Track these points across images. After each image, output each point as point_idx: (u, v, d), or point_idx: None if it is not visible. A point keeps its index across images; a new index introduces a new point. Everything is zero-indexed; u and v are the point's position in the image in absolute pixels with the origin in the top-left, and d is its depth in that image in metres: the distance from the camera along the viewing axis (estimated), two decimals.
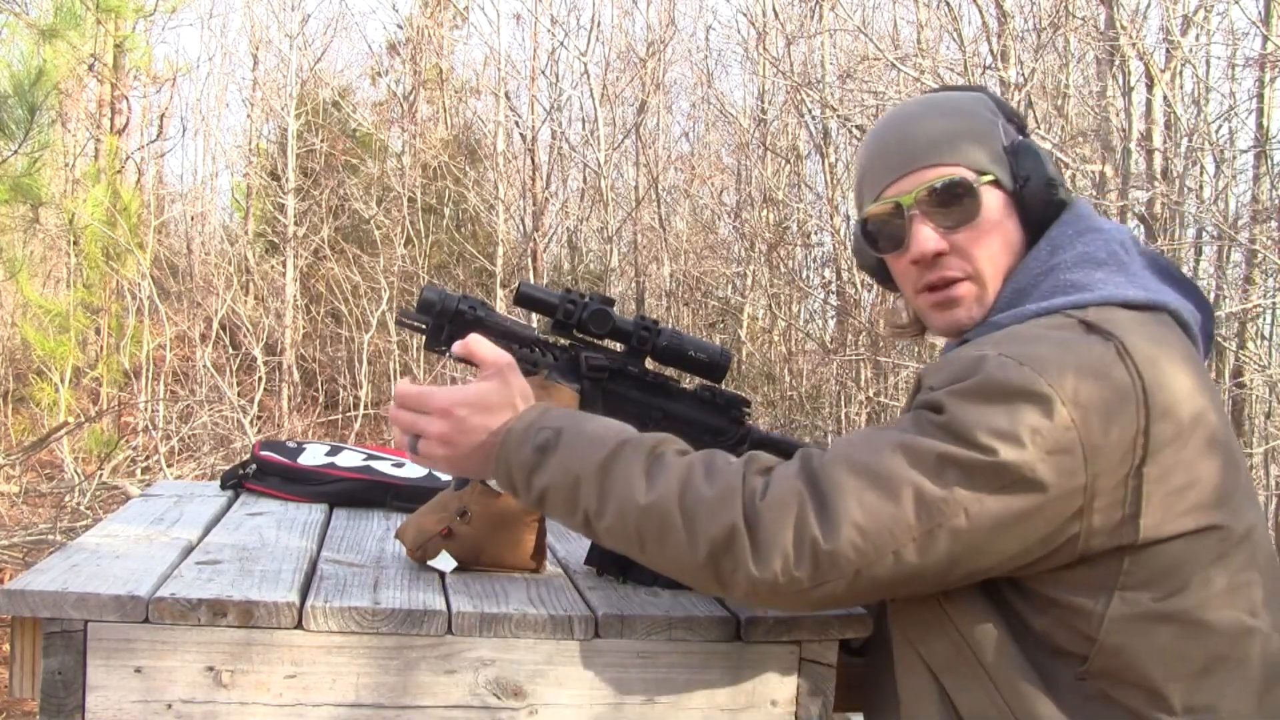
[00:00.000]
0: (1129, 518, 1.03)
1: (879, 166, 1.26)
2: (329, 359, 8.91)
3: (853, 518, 1.01)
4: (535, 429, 1.13)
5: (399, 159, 9.84)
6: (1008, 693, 1.07)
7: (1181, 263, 5.06)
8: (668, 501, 1.05)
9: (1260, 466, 5.25)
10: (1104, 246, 1.17)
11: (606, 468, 1.09)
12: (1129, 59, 4.93)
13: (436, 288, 1.30)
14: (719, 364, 1.37)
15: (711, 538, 1.03)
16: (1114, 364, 1.04)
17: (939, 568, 1.04)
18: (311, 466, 1.75)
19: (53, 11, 4.90)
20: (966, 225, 1.20)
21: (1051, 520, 1.03)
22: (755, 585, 1.03)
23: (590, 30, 8.54)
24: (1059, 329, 1.09)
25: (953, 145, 1.22)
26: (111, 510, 4.46)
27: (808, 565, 1.01)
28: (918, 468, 1.02)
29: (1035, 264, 1.19)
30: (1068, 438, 1.01)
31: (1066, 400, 1.01)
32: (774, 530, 1.02)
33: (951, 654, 1.11)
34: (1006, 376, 1.03)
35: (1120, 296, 1.12)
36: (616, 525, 1.08)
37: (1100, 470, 1.02)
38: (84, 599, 1.09)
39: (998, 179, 1.21)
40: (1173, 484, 1.03)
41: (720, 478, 1.06)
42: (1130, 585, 1.05)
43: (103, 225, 7.24)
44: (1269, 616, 1.08)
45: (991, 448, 1.01)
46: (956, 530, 1.02)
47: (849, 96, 6.09)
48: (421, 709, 1.14)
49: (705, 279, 8.07)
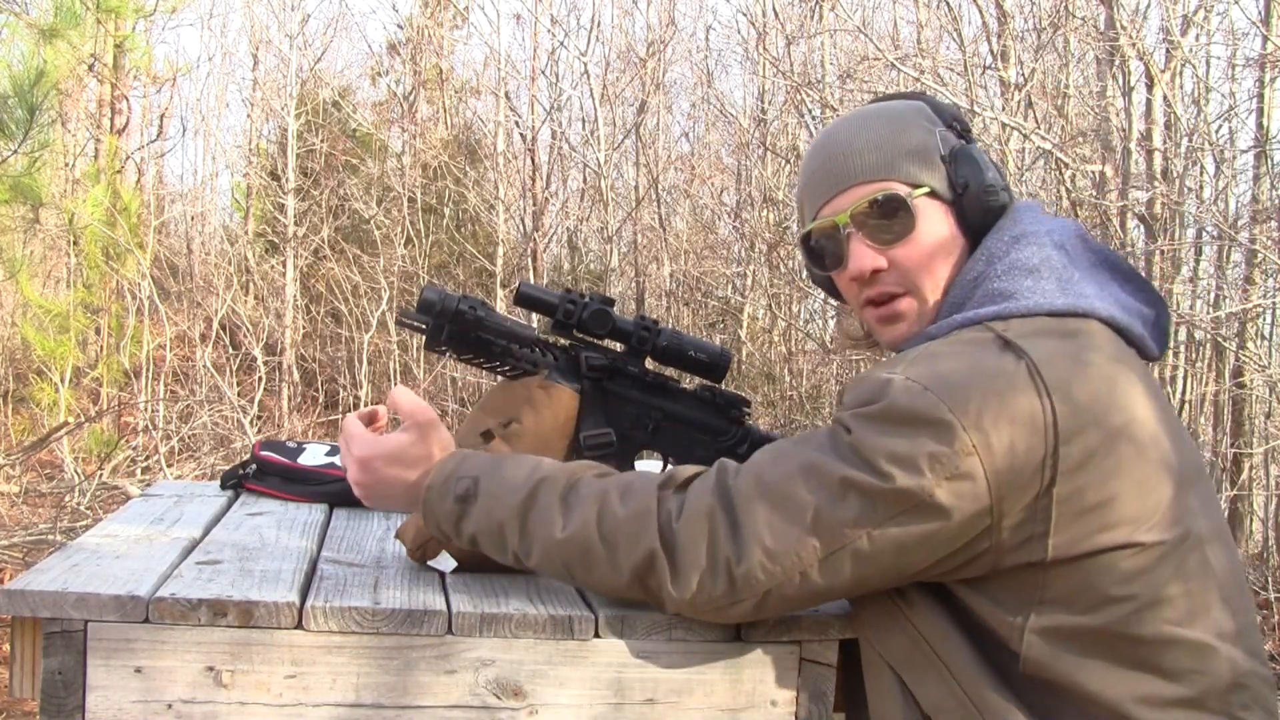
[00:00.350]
0: (1039, 535, 1.03)
1: (816, 184, 1.27)
2: (329, 359, 8.90)
3: (760, 540, 1.06)
4: (454, 480, 1.18)
5: (399, 159, 9.84)
6: (965, 683, 1.07)
7: (1182, 263, 5.07)
8: (587, 530, 1.11)
9: (1260, 466, 5.25)
10: (1037, 252, 1.16)
11: (525, 509, 1.15)
12: (1129, 59, 4.93)
13: (436, 288, 1.30)
14: (719, 364, 1.37)
15: (633, 564, 1.10)
16: (1024, 385, 1.03)
17: (847, 586, 1.08)
18: (311, 466, 1.75)
19: (53, 11, 4.90)
20: (902, 240, 1.21)
21: (956, 540, 1.04)
22: (679, 603, 1.10)
23: (590, 30, 8.55)
24: (974, 344, 1.09)
25: (886, 160, 1.22)
26: (111, 510, 4.46)
27: (723, 584, 1.07)
28: (821, 491, 1.05)
29: (970, 274, 1.19)
30: (968, 464, 1.01)
31: (969, 426, 1.01)
32: (689, 552, 1.08)
33: (909, 649, 1.12)
34: (910, 402, 1.03)
35: (1046, 306, 1.11)
36: (544, 562, 1.15)
37: (1006, 493, 1.02)
38: (84, 599, 1.09)
39: (934, 190, 1.22)
40: (1085, 503, 1.03)
41: (635, 499, 1.11)
42: (1048, 600, 1.05)
43: (103, 225, 7.24)
44: (1209, 625, 1.06)
45: (890, 474, 1.02)
46: (859, 553, 1.05)
47: (849, 96, 6.09)
48: (421, 709, 1.14)
49: (705, 279, 8.07)
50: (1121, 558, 1.03)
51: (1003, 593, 1.06)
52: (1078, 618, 1.04)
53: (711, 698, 1.19)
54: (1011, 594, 1.06)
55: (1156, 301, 1.21)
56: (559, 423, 1.32)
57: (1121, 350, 1.12)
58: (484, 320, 1.29)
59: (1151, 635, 1.04)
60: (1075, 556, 1.03)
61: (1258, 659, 1.10)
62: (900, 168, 1.22)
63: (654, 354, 1.36)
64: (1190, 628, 1.05)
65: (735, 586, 1.07)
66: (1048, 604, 1.05)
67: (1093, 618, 1.04)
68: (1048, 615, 1.05)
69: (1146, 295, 1.21)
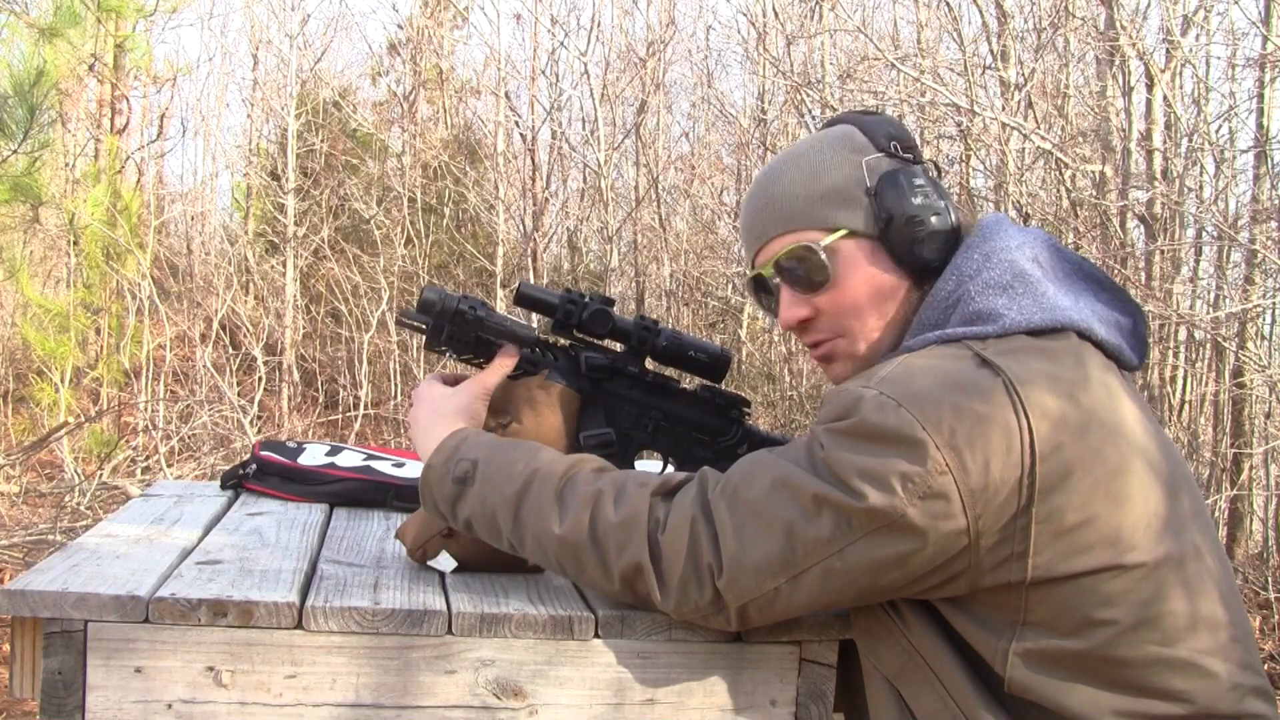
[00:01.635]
0: (1018, 555, 1.01)
1: (745, 234, 1.29)
2: (329, 359, 8.90)
3: (736, 553, 1.07)
4: (454, 460, 1.20)
5: (399, 159, 9.83)
6: (958, 699, 1.07)
7: (1182, 263, 5.07)
8: (579, 532, 1.13)
9: (1260, 466, 5.25)
10: (1009, 269, 1.14)
11: (520, 500, 1.16)
12: (1129, 59, 4.93)
13: (437, 288, 1.30)
14: (719, 364, 1.38)
15: (622, 571, 1.11)
16: (1000, 403, 1.01)
17: (823, 603, 1.08)
18: (311, 466, 1.75)
19: (53, 11, 4.90)
20: (823, 288, 1.20)
21: (933, 560, 1.03)
22: (666, 610, 1.12)
23: (590, 30, 8.54)
24: (950, 360, 1.07)
25: (800, 209, 1.21)
26: (111, 510, 4.46)
27: (709, 593, 1.08)
28: (795, 507, 1.05)
29: (942, 295, 1.16)
30: (941, 482, 0.99)
31: (942, 445, 0.99)
32: (673, 563, 1.09)
33: (905, 662, 1.11)
34: (882, 419, 1.02)
35: (1023, 323, 1.09)
36: (537, 553, 1.17)
37: (983, 512, 1.00)
38: (84, 599, 1.09)
39: (854, 230, 1.19)
40: (1064, 523, 1.01)
41: (627, 503, 1.12)
42: (1031, 622, 1.03)
43: (103, 225, 7.23)
44: (1200, 643, 1.04)
45: (862, 492, 1.01)
46: (831, 570, 1.04)
47: (849, 97, 6.09)
48: (421, 709, 1.14)
49: (705, 279, 8.07)
50: (1104, 580, 1.02)
51: (985, 613, 1.05)
52: (1061, 641, 1.03)
53: (711, 698, 1.19)
54: (994, 615, 1.05)
55: (1133, 310, 1.20)
56: (559, 423, 1.32)
57: (1101, 363, 1.10)
58: (484, 320, 1.29)
59: (1138, 657, 1.03)
60: (1056, 578, 1.02)
61: (1252, 671, 1.08)
62: (814, 215, 1.20)
63: (654, 354, 1.36)
64: (1179, 647, 1.03)
65: (718, 598, 1.08)
66: (1030, 626, 1.03)
67: (1075, 641, 1.03)
68: (1030, 639, 1.03)
69: (1123, 304, 1.20)
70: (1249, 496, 5.09)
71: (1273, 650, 4.21)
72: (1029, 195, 5.37)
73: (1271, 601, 4.44)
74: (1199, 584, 1.06)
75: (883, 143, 1.22)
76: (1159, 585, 1.04)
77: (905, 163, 1.22)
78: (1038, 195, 5.57)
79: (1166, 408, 4.89)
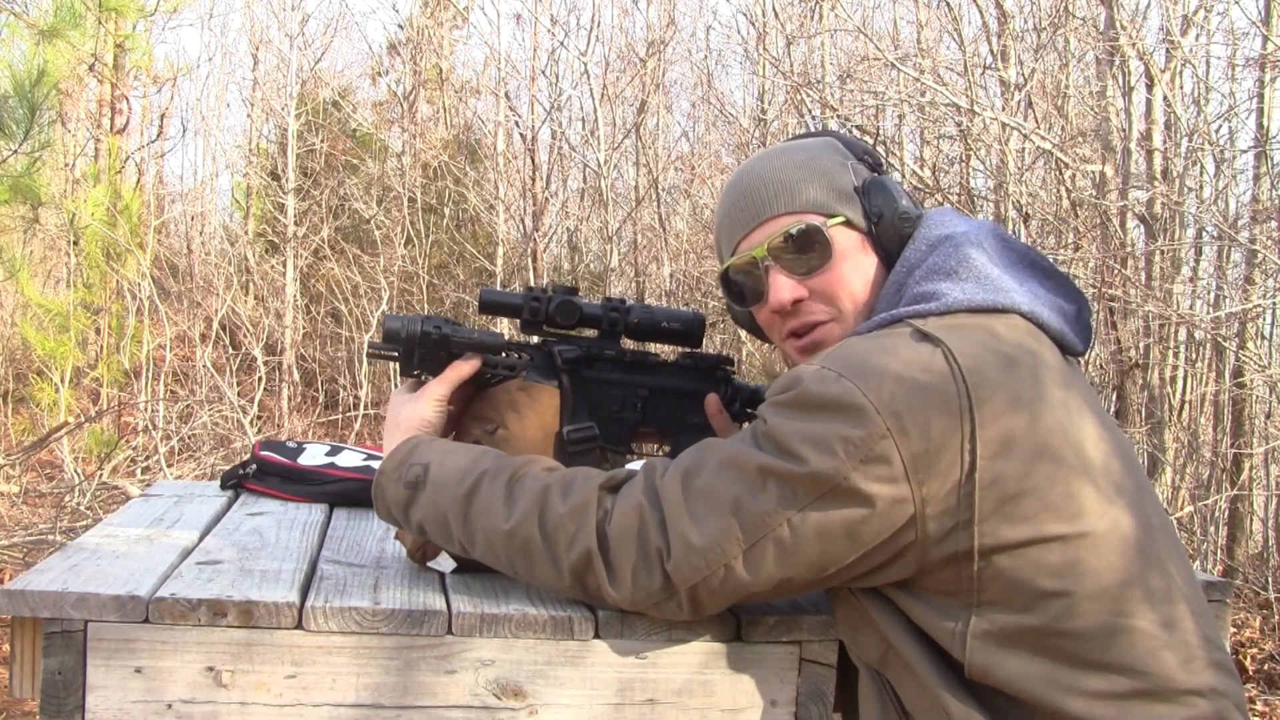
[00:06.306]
0: (964, 524, 1.02)
1: (731, 221, 1.29)
2: (329, 359, 8.90)
3: (684, 534, 1.07)
4: (406, 466, 1.22)
5: (399, 159, 9.84)
6: (930, 685, 1.07)
7: (1182, 263, 5.07)
8: (528, 526, 1.13)
9: (1260, 466, 5.25)
10: (954, 255, 1.17)
11: (469, 500, 1.17)
12: (1129, 59, 4.93)
13: (397, 316, 1.31)
14: (694, 329, 1.38)
15: (572, 564, 1.12)
16: (939, 371, 1.03)
17: (774, 581, 1.08)
18: (311, 466, 1.75)
19: (53, 11, 4.90)
20: (821, 269, 1.23)
21: (880, 532, 1.04)
22: (618, 601, 1.12)
23: (590, 30, 8.54)
24: (891, 335, 1.10)
25: (799, 193, 1.24)
26: (111, 510, 4.46)
27: (659, 578, 1.09)
28: (741, 481, 1.06)
29: (891, 285, 1.21)
30: (882, 446, 1.01)
31: (882, 410, 1.01)
32: (622, 553, 1.10)
33: (883, 651, 1.12)
34: (824, 388, 1.04)
35: (965, 302, 1.12)
36: (488, 553, 1.18)
37: (926, 478, 1.02)
38: (84, 599, 1.09)
39: (849, 219, 1.24)
40: (1007, 490, 1.02)
41: (575, 496, 1.13)
42: (985, 602, 1.04)
43: (103, 225, 7.24)
44: (1153, 614, 1.05)
45: (804, 457, 1.03)
46: (781, 541, 1.05)
47: (849, 97, 6.09)
48: (421, 709, 1.14)
49: (705, 279, 8.06)
50: (1052, 549, 1.03)
51: (939, 600, 1.06)
52: (1017, 617, 1.03)
53: (711, 698, 1.19)
54: (948, 600, 1.05)
55: (1076, 297, 1.22)
56: (544, 422, 1.32)
57: (1046, 345, 1.13)
58: (450, 337, 1.30)
59: (1093, 629, 1.03)
60: (1004, 546, 1.02)
61: (1212, 645, 1.08)
62: (814, 199, 1.24)
63: (628, 332, 1.37)
64: (1135, 618, 1.04)
65: (668, 583, 1.08)
66: (986, 605, 1.04)
67: (1030, 616, 1.03)
68: (987, 618, 1.04)
69: (1066, 291, 1.22)
70: (1249, 496, 5.09)
71: (1273, 650, 4.21)
72: (1029, 195, 5.37)
73: (1271, 601, 4.44)
74: (1152, 554, 1.07)
75: (860, 153, 1.30)
76: (1110, 555, 1.04)
77: (879, 175, 1.29)
78: (1038, 195, 5.57)
79: (1167, 408, 4.89)
